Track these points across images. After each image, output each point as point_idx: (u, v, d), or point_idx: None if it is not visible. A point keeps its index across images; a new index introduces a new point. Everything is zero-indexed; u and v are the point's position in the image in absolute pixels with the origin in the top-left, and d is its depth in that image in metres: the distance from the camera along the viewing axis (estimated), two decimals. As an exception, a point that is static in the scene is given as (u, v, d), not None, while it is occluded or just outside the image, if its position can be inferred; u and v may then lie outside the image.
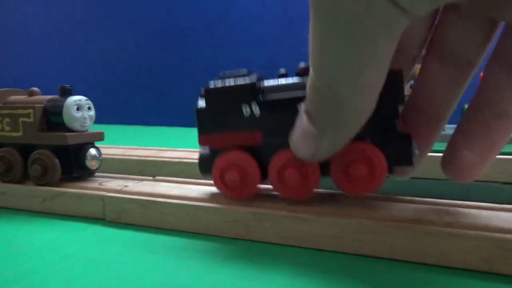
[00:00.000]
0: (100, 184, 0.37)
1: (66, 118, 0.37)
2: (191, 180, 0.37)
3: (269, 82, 0.30)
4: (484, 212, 0.27)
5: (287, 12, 1.18)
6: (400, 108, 0.27)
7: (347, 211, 0.27)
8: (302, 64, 0.29)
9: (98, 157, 0.39)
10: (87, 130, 0.39)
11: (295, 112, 0.25)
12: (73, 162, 0.37)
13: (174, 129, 1.25)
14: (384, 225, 0.25)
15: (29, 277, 0.24)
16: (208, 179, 0.32)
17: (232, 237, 0.29)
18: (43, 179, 0.37)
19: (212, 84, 0.30)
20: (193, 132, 0.32)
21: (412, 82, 0.74)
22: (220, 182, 0.30)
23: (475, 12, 0.23)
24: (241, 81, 0.29)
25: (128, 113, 1.43)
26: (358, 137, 0.25)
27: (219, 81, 0.30)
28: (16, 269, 0.25)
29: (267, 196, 0.31)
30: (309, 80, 0.22)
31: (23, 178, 0.39)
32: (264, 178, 0.30)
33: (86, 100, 0.38)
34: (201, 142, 0.31)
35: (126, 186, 0.35)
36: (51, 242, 0.29)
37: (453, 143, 0.26)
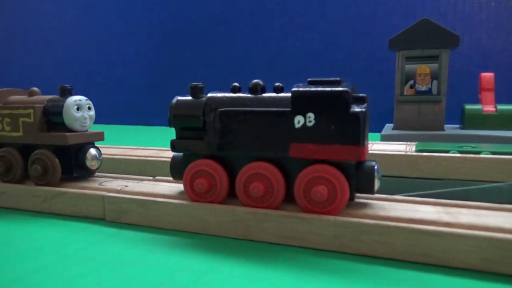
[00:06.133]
0: (100, 184, 0.37)
1: (66, 118, 0.37)
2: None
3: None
4: (484, 212, 0.27)
5: (287, 12, 1.18)
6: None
7: (347, 211, 0.28)
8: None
9: (98, 157, 0.39)
10: (87, 130, 0.39)
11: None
12: (73, 162, 0.37)
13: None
14: (384, 225, 0.25)
15: (29, 277, 0.24)
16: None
17: (232, 237, 0.29)
18: (43, 179, 0.37)
19: None
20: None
21: (412, 82, 0.74)
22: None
23: None
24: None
25: (128, 113, 1.42)
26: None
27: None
28: (16, 269, 0.25)
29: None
30: None
31: (23, 178, 0.39)
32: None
33: (86, 100, 0.38)
34: None
35: (126, 186, 0.35)
36: (51, 242, 0.29)
37: None
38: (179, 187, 0.35)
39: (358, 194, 0.29)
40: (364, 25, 1.09)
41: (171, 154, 0.51)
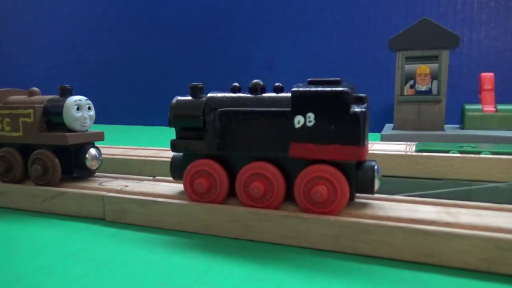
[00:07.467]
0: (100, 184, 0.37)
1: (66, 118, 0.37)
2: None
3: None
4: (484, 212, 0.27)
5: (287, 12, 1.18)
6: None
7: (347, 211, 0.28)
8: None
9: (98, 157, 0.39)
10: (87, 130, 0.39)
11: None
12: (73, 162, 0.37)
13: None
14: (384, 225, 0.25)
15: (29, 277, 0.24)
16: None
17: (232, 237, 0.29)
18: (43, 179, 0.37)
19: None
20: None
21: (412, 82, 0.74)
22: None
23: None
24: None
25: (128, 113, 1.42)
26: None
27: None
28: (16, 269, 0.25)
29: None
30: None
31: (23, 178, 0.39)
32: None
33: (86, 100, 0.38)
34: None
35: (126, 186, 0.35)
36: (51, 242, 0.29)
37: None
38: (179, 187, 0.35)
39: (358, 194, 0.29)
40: (364, 25, 1.09)
41: (171, 154, 0.51)
